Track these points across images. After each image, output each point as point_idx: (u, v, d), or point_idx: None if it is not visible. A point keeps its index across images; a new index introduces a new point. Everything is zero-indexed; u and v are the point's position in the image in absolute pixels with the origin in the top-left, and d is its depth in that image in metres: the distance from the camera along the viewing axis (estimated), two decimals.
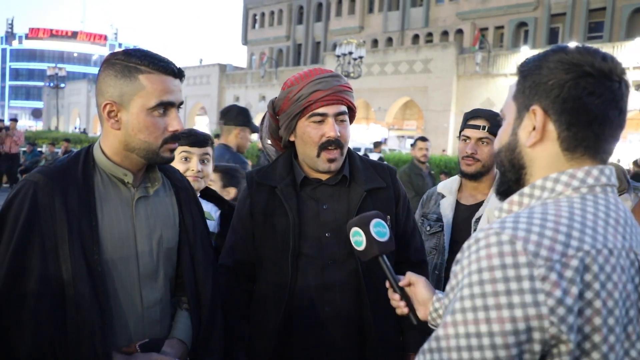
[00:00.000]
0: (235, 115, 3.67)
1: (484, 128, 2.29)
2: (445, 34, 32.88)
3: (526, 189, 0.95)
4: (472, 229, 2.32)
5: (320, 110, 1.67)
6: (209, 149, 2.29)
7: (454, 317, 0.81)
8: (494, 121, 2.30)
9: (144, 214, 1.48)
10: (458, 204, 2.45)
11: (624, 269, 0.84)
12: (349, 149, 1.82)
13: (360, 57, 19.63)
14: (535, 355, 0.79)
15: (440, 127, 27.51)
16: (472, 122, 2.34)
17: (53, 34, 75.23)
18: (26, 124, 58.62)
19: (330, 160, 1.69)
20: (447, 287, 0.87)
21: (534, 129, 0.93)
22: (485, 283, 0.79)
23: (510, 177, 1.00)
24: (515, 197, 0.96)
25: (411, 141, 12.33)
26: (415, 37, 33.98)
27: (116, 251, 1.41)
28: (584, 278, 0.79)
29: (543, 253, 0.79)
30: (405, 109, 32.11)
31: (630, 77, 23.38)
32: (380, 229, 1.44)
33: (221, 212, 2.38)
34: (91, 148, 1.48)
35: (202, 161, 2.25)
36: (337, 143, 1.69)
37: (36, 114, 45.15)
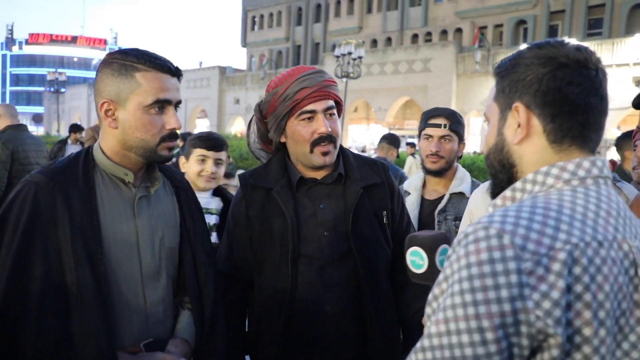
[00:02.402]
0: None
1: (445, 126, 2.41)
2: (444, 33, 32.88)
3: (518, 184, 0.94)
4: (436, 221, 2.43)
5: (309, 107, 1.67)
6: (223, 154, 2.50)
7: (445, 314, 0.80)
8: (453, 119, 2.43)
9: (145, 213, 1.48)
10: (423, 199, 2.56)
11: (615, 261, 0.82)
12: (341, 146, 1.81)
13: (360, 57, 19.62)
14: (523, 350, 0.78)
15: None
16: (433, 121, 2.45)
17: (53, 39, 75.32)
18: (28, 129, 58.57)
19: (325, 154, 1.69)
20: (434, 286, 0.87)
21: (519, 126, 0.93)
22: (474, 278, 0.78)
23: (502, 177, 0.99)
24: (507, 192, 0.95)
25: (411, 140, 12.42)
26: (415, 37, 33.98)
27: (119, 251, 1.40)
28: (572, 271, 0.78)
29: (530, 247, 0.78)
30: (406, 108, 32.09)
31: (631, 73, 23.07)
32: (444, 257, 1.27)
33: (223, 206, 2.54)
34: (91, 149, 1.47)
35: (217, 164, 2.45)
36: (329, 138, 1.68)
37: (37, 119, 45.20)
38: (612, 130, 21.80)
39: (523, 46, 0.98)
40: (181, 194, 1.60)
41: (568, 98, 0.89)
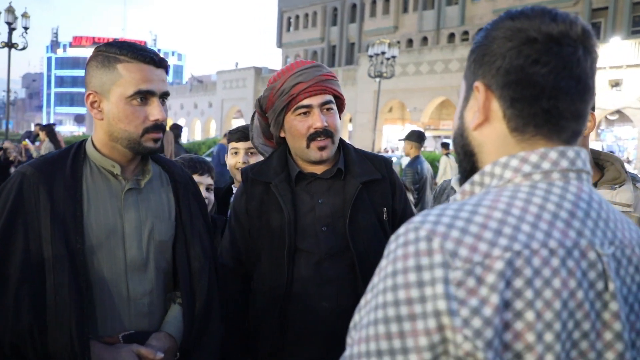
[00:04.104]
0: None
1: None
2: None
3: (476, 177, 0.80)
4: None
5: (305, 102, 1.67)
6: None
7: (367, 331, 0.68)
8: None
9: (133, 206, 1.48)
10: None
11: (572, 273, 0.68)
12: (343, 141, 1.80)
13: (393, 57, 19.48)
14: None
15: None
16: None
17: (95, 42, 77.32)
18: (70, 129, 60.66)
19: (321, 148, 1.68)
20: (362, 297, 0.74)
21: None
22: (398, 289, 0.66)
23: (466, 166, 0.86)
24: (466, 186, 0.82)
25: (446, 141, 12.32)
26: (451, 36, 33.53)
27: (101, 241, 1.41)
28: (512, 284, 0.65)
29: (462, 253, 0.66)
30: (442, 108, 31.69)
31: None
32: None
33: None
34: (84, 142, 1.50)
35: (250, 154, 2.42)
36: (325, 133, 1.68)
37: (79, 119, 46.58)
38: None
39: None
40: (179, 188, 1.59)
41: (532, 79, 0.74)
